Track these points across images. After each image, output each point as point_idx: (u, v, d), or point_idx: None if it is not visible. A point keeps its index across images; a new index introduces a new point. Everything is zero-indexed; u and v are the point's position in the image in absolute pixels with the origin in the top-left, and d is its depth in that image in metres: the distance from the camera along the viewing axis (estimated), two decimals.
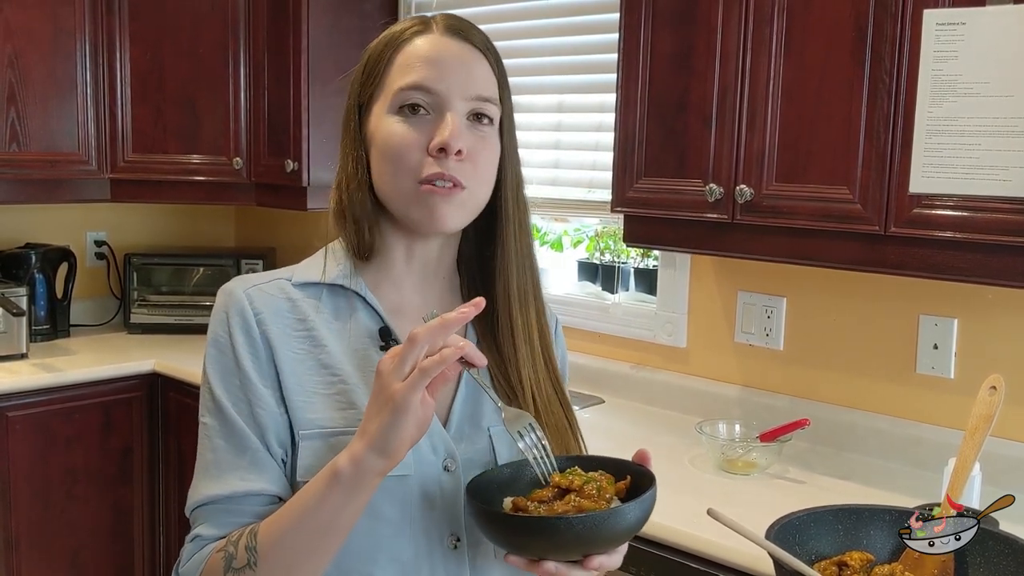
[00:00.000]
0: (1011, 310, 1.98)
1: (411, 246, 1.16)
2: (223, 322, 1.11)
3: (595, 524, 0.94)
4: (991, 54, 1.60)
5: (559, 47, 2.74)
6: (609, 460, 1.08)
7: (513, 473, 1.07)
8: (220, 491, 1.06)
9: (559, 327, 1.32)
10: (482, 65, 1.13)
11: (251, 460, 1.06)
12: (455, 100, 1.08)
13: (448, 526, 1.10)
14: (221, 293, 1.14)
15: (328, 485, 0.98)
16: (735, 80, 1.94)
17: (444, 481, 1.09)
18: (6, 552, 2.77)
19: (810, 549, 1.15)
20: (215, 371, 1.10)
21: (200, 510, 1.09)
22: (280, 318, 1.11)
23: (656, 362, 2.61)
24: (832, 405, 2.25)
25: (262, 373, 1.09)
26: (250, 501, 1.06)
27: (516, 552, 0.98)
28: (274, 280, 1.15)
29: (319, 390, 1.09)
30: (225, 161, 3.13)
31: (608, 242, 2.89)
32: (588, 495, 0.99)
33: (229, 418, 1.08)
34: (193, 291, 3.41)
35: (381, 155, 1.10)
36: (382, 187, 1.11)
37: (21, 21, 2.89)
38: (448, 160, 1.07)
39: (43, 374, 2.83)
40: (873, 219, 1.76)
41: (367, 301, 1.14)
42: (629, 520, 0.97)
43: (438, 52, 1.10)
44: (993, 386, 1.21)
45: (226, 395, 1.08)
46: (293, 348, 1.10)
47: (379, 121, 1.10)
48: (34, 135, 2.95)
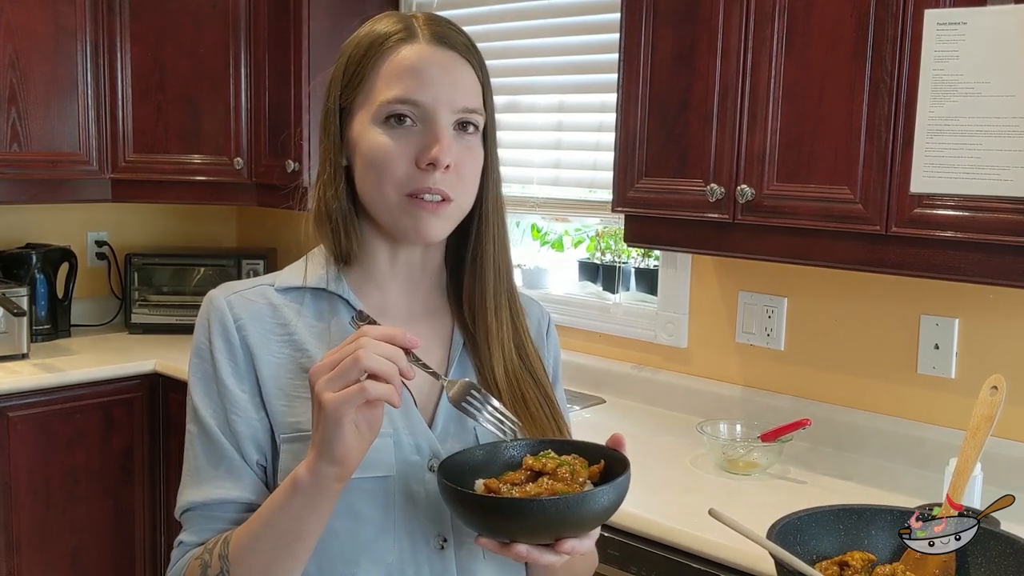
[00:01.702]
0: (1012, 310, 1.98)
1: (395, 250, 1.16)
2: (204, 329, 1.12)
3: (567, 507, 0.94)
4: (992, 54, 1.60)
5: (560, 47, 2.74)
6: (583, 444, 1.06)
7: (486, 456, 1.06)
8: (199, 498, 1.09)
9: (551, 326, 1.31)
10: (467, 73, 1.11)
11: (227, 468, 1.08)
12: (442, 111, 1.08)
13: (434, 527, 1.10)
14: (204, 301, 1.15)
15: (289, 493, 0.99)
16: (736, 80, 1.94)
17: (429, 481, 1.09)
18: (7, 552, 2.77)
19: (811, 549, 1.16)
20: (195, 379, 1.12)
21: (185, 515, 1.11)
22: (260, 323, 1.11)
23: (657, 362, 2.61)
24: (833, 405, 2.25)
25: (240, 379, 1.09)
26: (226, 508, 1.08)
27: (487, 534, 0.97)
28: (257, 286, 1.15)
29: (299, 393, 1.09)
30: (226, 161, 3.13)
31: (609, 242, 2.89)
32: (561, 478, 0.98)
33: (207, 426, 1.09)
34: (194, 291, 3.41)
35: (366, 165, 1.09)
36: (366, 195, 1.10)
37: (22, 21, 2.89)
38: (436, 173, 1.06)
39: (44, 374, 2.83)
40: (874, 219, 1.76)
41: (350, 304, 1.13)
42: (602, 503, 0.96)
43: (424, 63, 1.08)
44: (994, 386, 1.21)
45: (204, 403, 1.10)
46: (273, 352, 1.10)
47: (363, 130, 1.09)
48: (35, 135, 2.95)
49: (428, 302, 1.19)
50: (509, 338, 1.17)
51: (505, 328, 1.17)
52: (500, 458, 1.05)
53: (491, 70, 1.15)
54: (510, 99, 2.83)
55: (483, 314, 1.17)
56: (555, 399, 1.19)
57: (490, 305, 1.17)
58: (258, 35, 3.07)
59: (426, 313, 1.19)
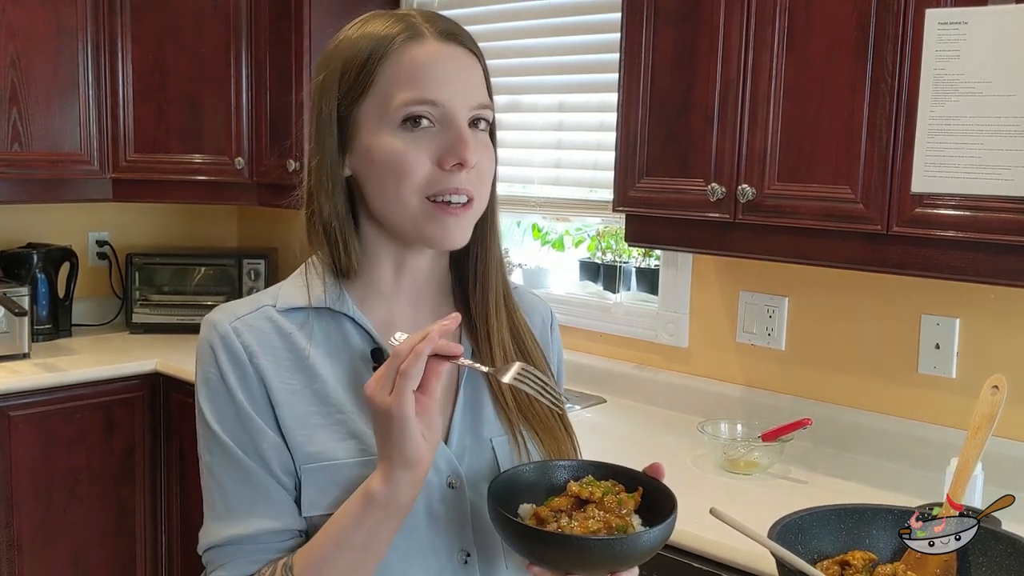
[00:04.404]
0: (1013, 310, 1.98)
1: (402, 260, 1.12)
2: (211, 359, 1.07)
3: (629, 546, 0.97)
4: (993, 53, 1.60)
5: (560, 47, 2.73)
6: (619, 468, 1.09)
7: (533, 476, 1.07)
8: (238, 532, 1.04)
9: (555, 323, 1.30)
10: (477, 68, 1.08)
11: (264, 497, 1.04)
12: (460, 110, 1.04)
13: (457, 542, 1.09)
14: (205, 325, 1.09)
15: (363, 509, 0.98)
16: (737, 79, 1.94)
17: (449, 498, 1.08)
18: (8, 552, 2.77)
19: (812, 548, 1.15)
20: (210, 408, 1.06)
21: (217, 551, 1.06)
22: (270, 351, 1.07)
23: (658, 362, 2.61)
24: (834, 405, 2.24)
25: (258, 408, 1.05)
26: (270, 539, 1.04)
27: (542, 564, 0.98)
28: (258, 309, 1.10)
29: (318, 422, 1.06)
30: (227, 161, 3.13)
31: (610, 242, 2.89)
32: (609, 508, 1.01)
33: (232, 454, 1.05)
34: (195, 291, 3.42)
35: (382, 172, 1.04)
36: (382, 204, 1.06)
37: (23, 21, 2.89)
38: (462, 174, 1.04)
39: (45, 374, 2.83)
40: (875, 219, 1.76)
41: (357, 321, 1.11)
42: (658, 541, 0.99)
43: (438, 62, 1.04)
44: (995, 386, 1.21)
45: (225, 431, 1.05)
46: (286, 381, 1.07)
47: (374, 137, 1.04)
48: (36, 135, 2.95)
49: (435, 312, 1.16)
50: (509, 337, 1.16)
51: (504, 326, 1.16)
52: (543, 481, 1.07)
53: (491, 70, 1.13)
54: (511, 99, 2.83)
55: (484, 316, 1.15)
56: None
57: (492, 305, 1.16)
58: (259, 35, 3.07)
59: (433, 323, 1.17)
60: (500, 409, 1.14)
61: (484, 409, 1.14)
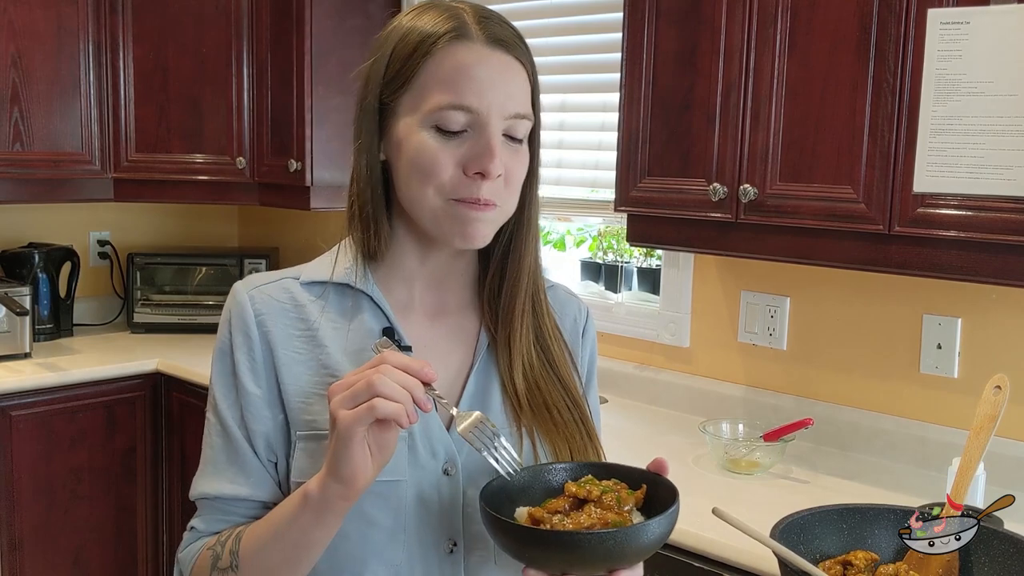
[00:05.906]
0: (1015, 309, 1.98)
1: (426, 252, 1.14)
2: (226, 327, 1.12)
3: (625, 539, 0.92)
4: (995, 53, 1.60)
5: (562, 46, 2.73)
6: (623, 468, 1.05)
7: (526, 481, 1.04)
8: (212, 491, 1.11)
9: (589, 324, 1.27)
10: (521, 77, 1.07)
11: (240, 466, 1.10)
12: (494, 119, 1.03)
13: (445, 530, 1.09)
14: (229, 294, 1.15)
15: (299, 506, 1.00)
16: (739, 79, 1.94)
17: (443, 485, 1.08)
18: (10, 551, 2.77)
19: (814, 548, 1.15)
20: (217, 373, 1.13)
21: (199, 502, 1.14)
22: (282, 318, 1.11)
23: (659, 362, 2.61)
24: (835, 405, 2.24)
25: (257, 376, 1.10)
26: (239, 505, 1.10)
27: (536, 566, 0.95)
28: (281, 280, 1.14)
29: (317, 391, 1.08)
30: (228, 161, 3.13)
31: (611, 241, 2.88)
32: (608, 506, 0.98)
33: (223, 420, 1.11)
34: (196, 291, 3.42)
35: (411, 166, 1.05)
36: (407, 195, 1.07)
37: (25, 21, 2.89)
38: (484, 183, 1.03)
39: (46, 373, 2.83)
40: (877, 218, 1.76)
41: (375, 300, 1.12)
42: (656, 534, 0.94)
43: (480, 68, 1.03)
44: (998, 386, 1.21)
45: (223, 398, 1.11)
46: (294, 348, 1.10)
47: (409, 131, 1.05)
48: (37, 135, 2.95)
49: (457, 298, 1.17)
50: (531, 343, 1.15)
51: (526, 332, 1.15)
52: (540, 484, 1.04)
53: None
54: None
55: (508, 319, 1.15)
56: (584, 402, 1.17)
57: (517, 310, 1.15)
58: (260, 35, 3.07)
59: (454, 310, 1.17)
60: (508, 401, 1.13)
61: (491, 400, 1.13)
